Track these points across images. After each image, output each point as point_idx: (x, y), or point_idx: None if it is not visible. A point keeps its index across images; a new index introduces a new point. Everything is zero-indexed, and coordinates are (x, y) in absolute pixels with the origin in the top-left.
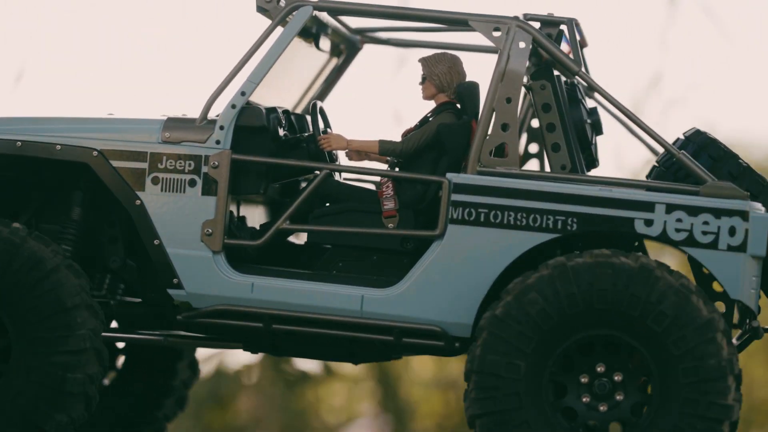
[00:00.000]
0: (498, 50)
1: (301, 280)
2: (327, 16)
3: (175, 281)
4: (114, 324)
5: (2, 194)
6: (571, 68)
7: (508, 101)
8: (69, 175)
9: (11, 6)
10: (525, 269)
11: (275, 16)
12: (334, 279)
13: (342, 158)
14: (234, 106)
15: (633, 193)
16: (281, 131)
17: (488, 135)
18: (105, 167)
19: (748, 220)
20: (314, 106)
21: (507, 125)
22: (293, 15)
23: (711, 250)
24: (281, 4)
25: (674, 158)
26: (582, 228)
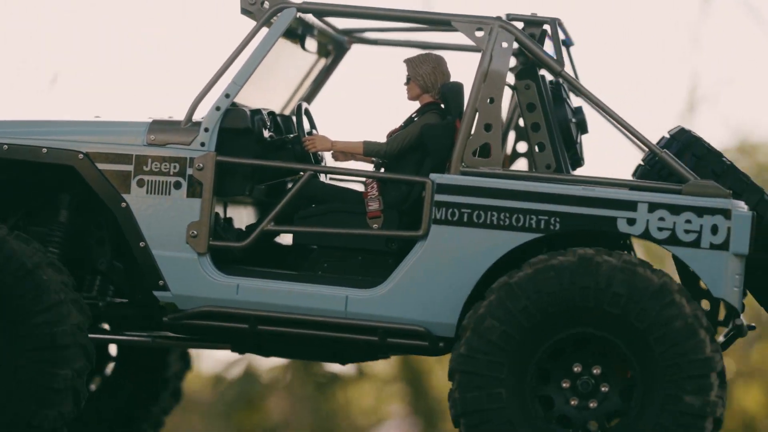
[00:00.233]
0: (481, 50)
1: (286, 281)
2: (312, 18)
3: (161, 283)
4: (106, 326)
5: None
6: (554, 68)
7: (491, 101)
8: (56, 178)
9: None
10: (513, 269)
11: (259, 18)
12: (319, 280)
13: (328, 159)
14: (218, 108)
15: (615, 192)
16: (266, 133)
17: (471, 135)
18: (91, 170)
19: (731, 219)
20: (299, 108)
21: (490, 125)
22: (277, 17)
23: (694, 249)
24: (265, 6)
25: (657, 157)
26: (565, 227)
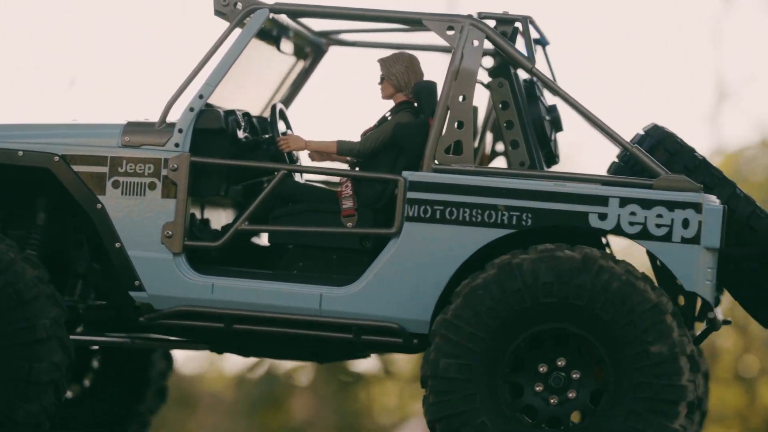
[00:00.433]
0: (452, 49)
1: (261, 280)
2: (287, 19)
3: (137, 283)
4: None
5: None
6: (525, 65)
7: (463, 99)
8: (34, 181)
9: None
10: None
11: (232, 19)
12: (293, 278)
13: (305, 159)
14: (192, 109)
15: (586, 188)
16: (241, 133)
17: (443, 133)
18: (66, 172)
19: (702, 212)
20: (273, 108)
21: (461, 123)
22: (250, 17)
23: (665, 243)
24: (238, 7)
25: (629, 153)
26: (536, 223)
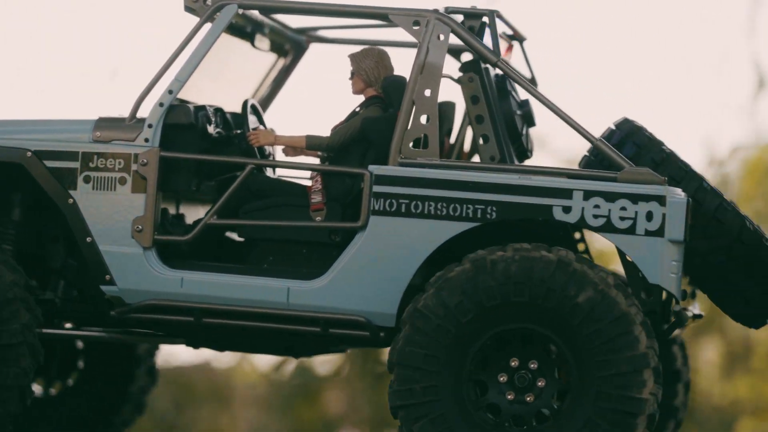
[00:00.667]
0: (418, 44)
1: (230, 274)
2: (261, 16)
3: (108, 277)
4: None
5: None
6: (490, 59)
7: (428, 93)
8: (7, 177)
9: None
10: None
11: (202, 15)
12: (262, 272)
13: (279, 155)
14: (162, 105)
15: (551, 181)
16: (211, 128)
17: (408, 127)
18: (39, 167)
19: (666, 205)
20: (245, 104)
21: (427, 117)
22: (219, 13)
23: (629, 236)
24: (208, 3)
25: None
26: (501, 216)
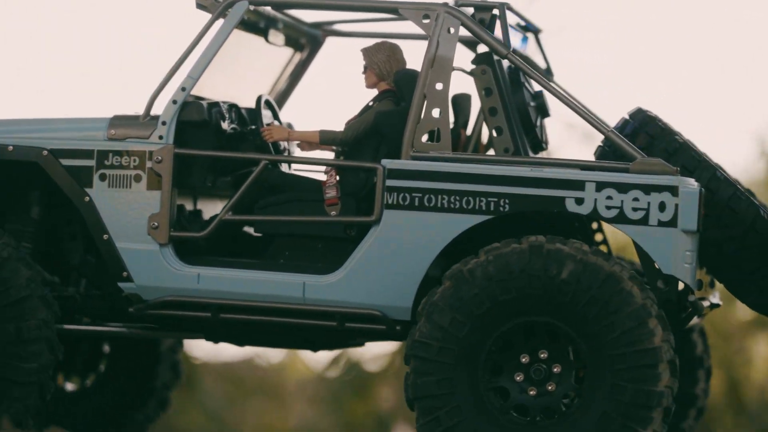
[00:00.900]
0: (428, 37)
1: (246, 270)
2: (274, 11)
3: (125, 274)
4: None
5: None
6: (500, 51)
7: (439, 87)
8: (26, 175)
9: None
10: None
11: (213, 12)
12: (277, 267)
13: (296, 150)
14: (175, 102)
15: (563, 173)
16: (225, 125)
17: (420, 120)
18: (55, 166)
19: (678, 195)
20: (259, 100)
21: (438, 110)
22: (231, 10)
23: (642, 226)
24: (219, 0)
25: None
26: (514, 208)
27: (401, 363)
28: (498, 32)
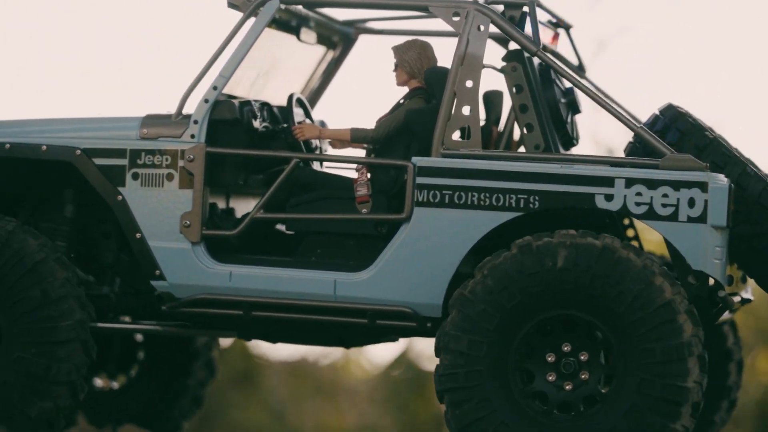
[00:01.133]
0: (458, 35)
1: (278, 267)
2: (305, 10)
3: (158, 273)
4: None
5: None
6: (530, 48)
7: (469, 84)
8: (59, 175)
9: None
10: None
11: (245, 11)
12: (309, 265)
13: (328, 149)
14: (207, 101)
15: (592, 169)
16: (257, 123)
17: (450, 118)
18: (88, 165)
19: (707, 191)
20: (290, 98)
21: (468, 108)
22: (262, 9)
23: (671, 222)
24: None
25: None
26: (544, 205)
27: None
28: (528, 29)
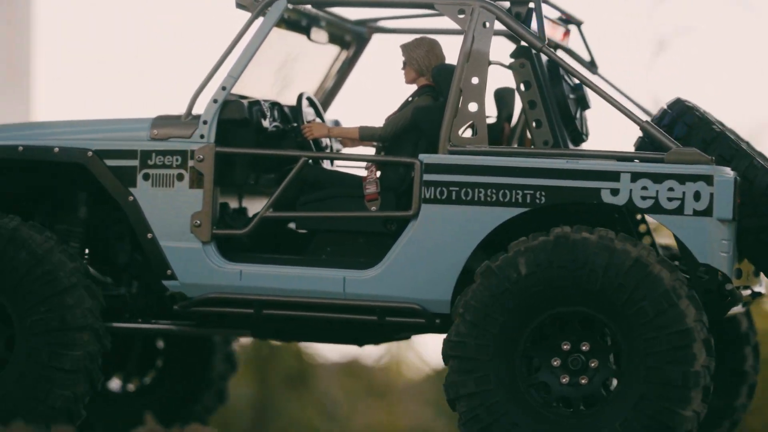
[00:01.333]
0: (463, 32)
1: (287, 266)
2: (315, 10)
3: (169, 272)
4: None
5: (15, 198)
6: (535, 44)
7: (475, 81)
8: (72, 176)
9: None
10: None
11: (253, 11)
12: (318, 263)
13: (338, 147)
14: (216, 101)
15: (598, 164)
16: (266, 123)
17: (457, 115)
18: (100, 166)
19: (713, 185)
20: (300, 97)
21: (475, 105)
22: (270, 8)
23: (677, 216)
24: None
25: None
26: (550, 201)
27: None
28: (535, 26)
